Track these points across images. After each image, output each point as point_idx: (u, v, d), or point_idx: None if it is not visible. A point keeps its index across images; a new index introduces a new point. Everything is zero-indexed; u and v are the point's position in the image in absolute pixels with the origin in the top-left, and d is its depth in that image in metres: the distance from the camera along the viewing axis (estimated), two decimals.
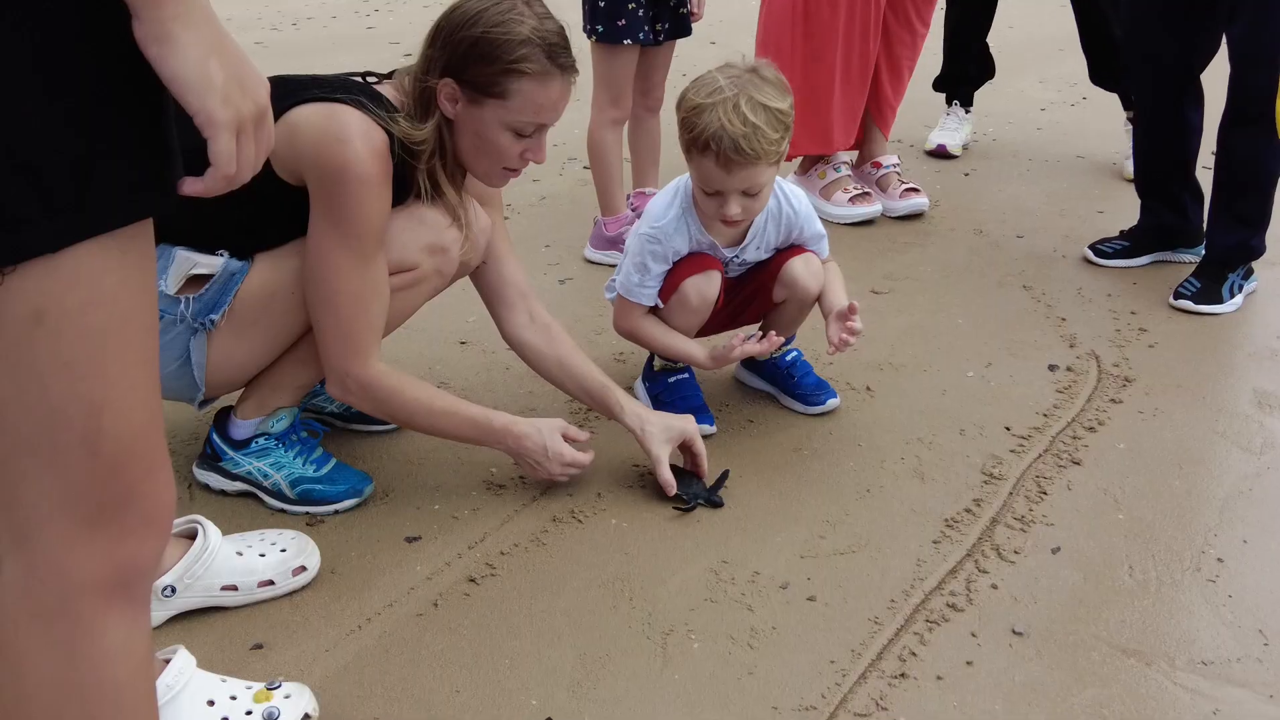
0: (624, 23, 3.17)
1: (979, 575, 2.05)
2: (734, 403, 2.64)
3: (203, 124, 0.99)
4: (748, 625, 1.92)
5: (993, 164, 4.43)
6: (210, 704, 1.61)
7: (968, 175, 4.30)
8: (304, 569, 1.98)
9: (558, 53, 2.04)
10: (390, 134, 1.99)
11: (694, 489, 2.25)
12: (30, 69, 0.93)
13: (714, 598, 1.99)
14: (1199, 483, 2.35)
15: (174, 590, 1.85)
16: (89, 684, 1.10)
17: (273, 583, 1.95)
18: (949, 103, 4.57)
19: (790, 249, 2.47)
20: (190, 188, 1.03)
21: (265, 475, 2.17)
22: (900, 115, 4.01)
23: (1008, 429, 2.53)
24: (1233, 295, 3.14)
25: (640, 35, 3.20)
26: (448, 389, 2.52)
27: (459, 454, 2.37)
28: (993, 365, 2.83)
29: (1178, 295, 3.14)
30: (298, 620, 1.92)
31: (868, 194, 3.82)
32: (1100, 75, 4.27)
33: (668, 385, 2.55)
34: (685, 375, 2.56)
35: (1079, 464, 2.40)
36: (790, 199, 2.43)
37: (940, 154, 4.47)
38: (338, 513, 2.18)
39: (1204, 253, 3.26)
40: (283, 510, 2.18)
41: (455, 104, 2.06)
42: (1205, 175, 3.35)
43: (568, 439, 2.21)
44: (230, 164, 1.01)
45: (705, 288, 2.39)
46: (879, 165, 3.92)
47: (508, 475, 2.32)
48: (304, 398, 2.29)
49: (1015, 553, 2.11)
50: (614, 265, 3.18)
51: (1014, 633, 1.91)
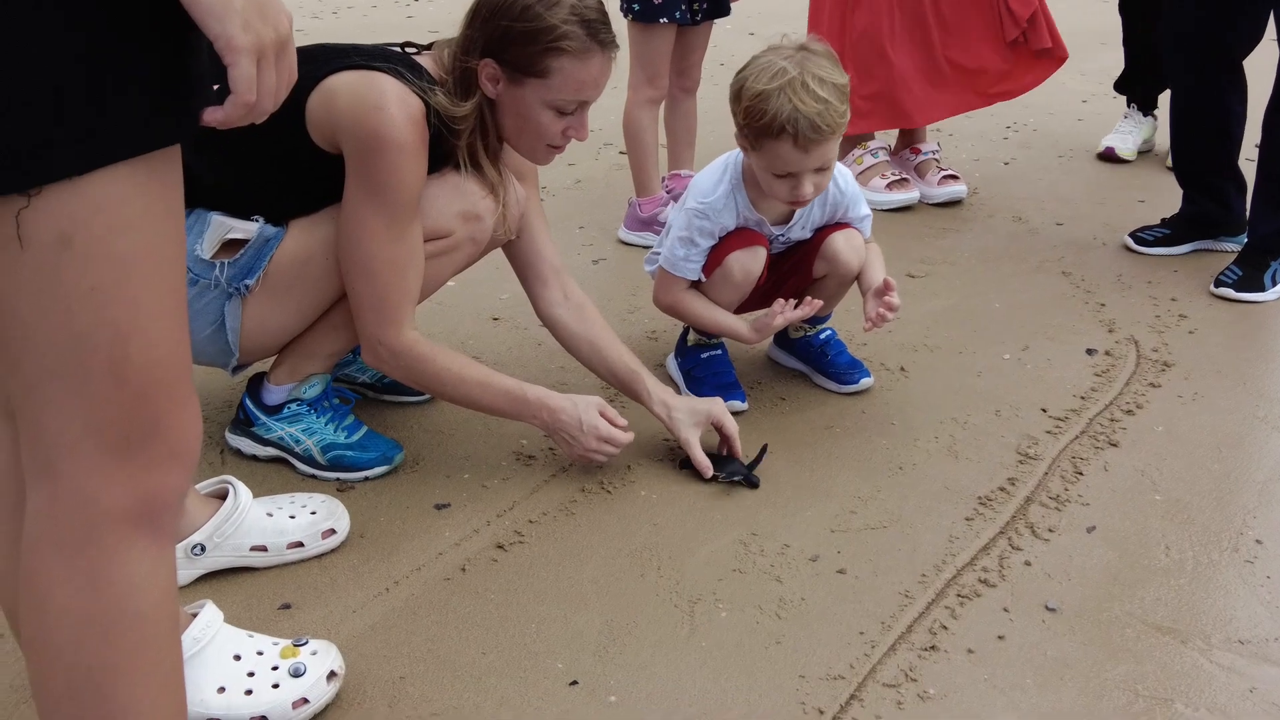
0: (660, 1, 3.16)
1: (1012, 552, 2.02)
2: (766, 380, 2.63)
3: (222, 49, 0.98)
4: (776, 596, 1.90)
5: (1033, 154, 4.39)
6: (236, 658, 1.61)
7: (1007, 164, 4.26)
8: (333, 532, 1.98)
9: (597, 29, 2.03)
10: (426, 102, 1.99)
11: (732, 467, 2.23)
12: (53, 3, 0.94)
13: (742, 569, 1.97)
14: (1237, 465, 2.31)
15: (203, 549, 1.86)
16: (111, 614, 1.11)
17: (302, 545, 1.95)
18: (1128, 104, 4.37)
19: (833, 225, 2.46)
20: (210, 116, 1.03)
21: (297, 441, 2.18)
22: None
23: (1044, 410, 2.50)
24: (1274, 283, 3.09)
25: (677, 14, 3.18)
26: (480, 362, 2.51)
27: (490, 424, 2.36)
28: (1029, 349, 2.79)
29: (1219, 283, 3.10)
30: (325, 582, 1.92)
31: (905, 180, 3.79)
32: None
33: (700, 361, 2.54)
34: (719, 351, 2.55)
35: (1116, 446, 2.37)
36: (839, 179, 2.42)
37: (1109, 157, 4.25)
38: (368, 479, 2.19)
39: (1246, 240, 3.21)
40: (313, 476, 2.18)
41: (496, 84, 2.05)
42: (1248, 167, 3.29)
43: (605, 419, 2.16)
44: (250, 90, 1.00)
45: (750, 263, 2.38)
46: (917, 151, 3.88)
47: (538, 446, 2.31)
48: (336, 366, 2.29)
49: (1050, 531, 2.08)
50: (648, 247, 3.18)
51: (1047, 609, 1.88)
